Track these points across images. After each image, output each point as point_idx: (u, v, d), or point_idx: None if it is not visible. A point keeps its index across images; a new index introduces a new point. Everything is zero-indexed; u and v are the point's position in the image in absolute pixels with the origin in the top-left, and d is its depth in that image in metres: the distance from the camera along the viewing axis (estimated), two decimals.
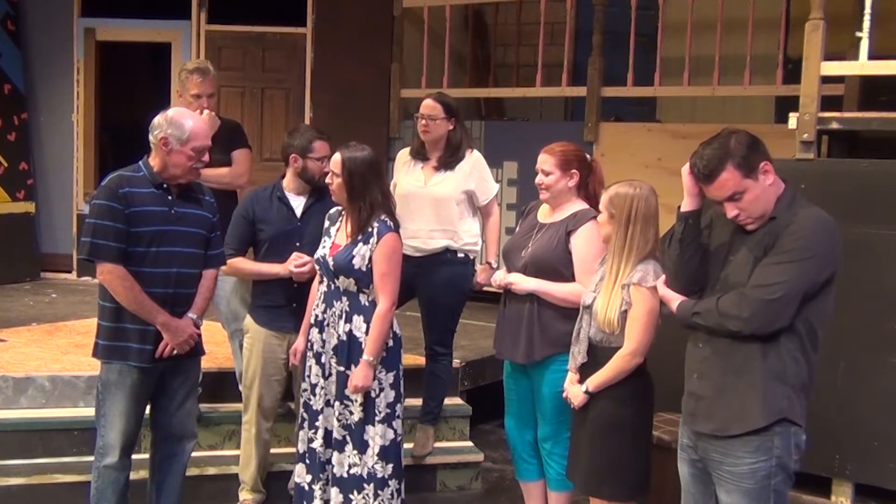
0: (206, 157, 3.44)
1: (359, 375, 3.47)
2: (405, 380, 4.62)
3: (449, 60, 7.13)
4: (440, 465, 4.63)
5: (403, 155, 4.41)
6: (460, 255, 4.28)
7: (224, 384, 4.38)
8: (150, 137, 3.36)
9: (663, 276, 2.92)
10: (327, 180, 3.60)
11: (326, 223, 3.68)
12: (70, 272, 7.64)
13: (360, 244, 3.49)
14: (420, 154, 4.31)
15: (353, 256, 3.48)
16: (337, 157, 3.53)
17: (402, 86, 7.30)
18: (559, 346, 3.43)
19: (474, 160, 4.28)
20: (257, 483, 4.09)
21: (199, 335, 3.50)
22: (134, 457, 3.51)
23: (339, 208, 3.63)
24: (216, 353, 4.85)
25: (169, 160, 3.34)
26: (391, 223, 3.53)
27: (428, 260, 4.26)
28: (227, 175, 4.35)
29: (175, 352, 3.38)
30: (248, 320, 4.01)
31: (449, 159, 4.22)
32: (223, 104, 6.80)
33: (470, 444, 4.81)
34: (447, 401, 4.68)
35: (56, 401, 4.48)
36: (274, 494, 4.15)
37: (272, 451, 4.20)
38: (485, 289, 4.42)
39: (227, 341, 4.46)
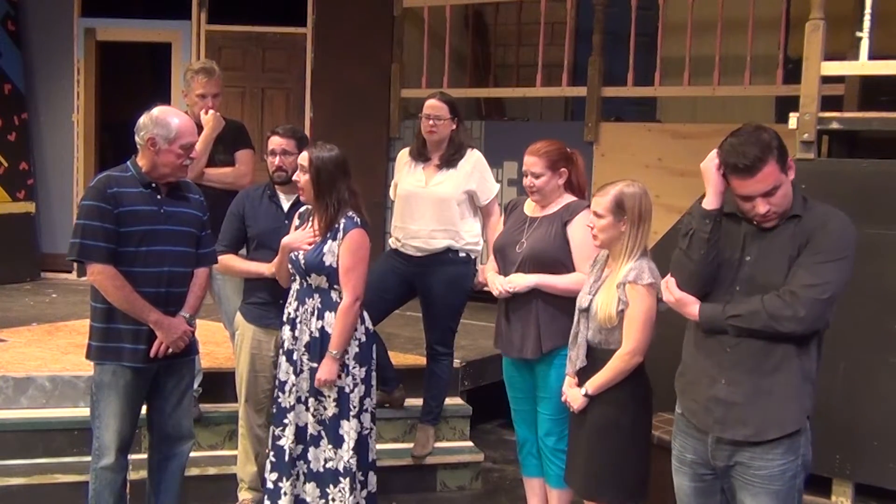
0: (195, 154, 3.44)
1: (324, 370, 3.52)
2: (406, 379, 4.67)
3: (449, 60, 7.13)
4: (440, 465, 4.63)
5: (404, 155, 4.41)
6: (462, 254, 4.28)
7: (224, 384, 4.38)
8: (137, 138, 3.35)
9: (672, 279, 2.82)
10: (294, 178, 3.63)
11: (297, 222, 3.71)
12: (70, 272, 7.63)
13: (330, 241, 3.53)
14: (421, 155, 4.31)
15: (324, 254, 3.53)
16: (304, 154, 3.57)
17: (402, 86, 7.30)
18: (564, 339, 3.42)
19: (475, 160, 4.28)
20: (256, 481, 4.08)
21: (193, 333, 3.49)
22: (134, 457, 3.51)
23: (310, 207, 3.67)
24: (216, 353, 4.86)
25: (158, 160, 3.33)
26: (358, 220, 3.57)
27: (429, 260, 4.26)
28: (230, 175, 4.38)
29: (170, 351, 3.37)
30: (238, 317, 4.03)
31: (451, 157, 4.23)
32: (224, 104, 6.79)
33: (470, 444, 4.81)
34: (447, 401, 4.68)
35: (56, 401, 4.48)
36: None
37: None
38: (486, 289, 4.42)
39: (227, 341, 4.47)
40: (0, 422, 4.32)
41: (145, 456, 3.63)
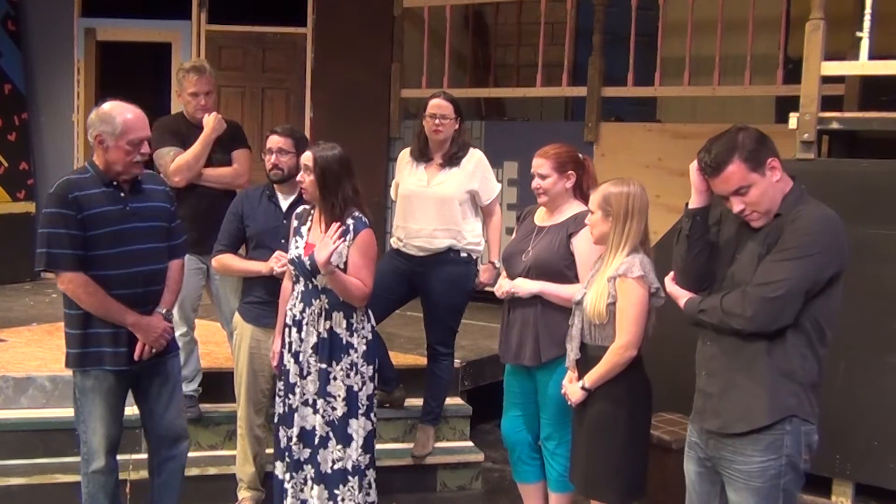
0: (146, 149, 3.31)
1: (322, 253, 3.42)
2: (406, 379, 4.67)
3: (449, 60, 7.13)
4: (440, 465, 4.63)
5: (405, 156, 4.41)
6: (463, 254, 4.28)
7: (224, 384, 4.38)
8: (88, 136, 3.28)
9: (671, 274, 2.90)
10: (298, 178, 3.63)
11: (295, 223, 3.70)
12: None
13: (339, 241, 3.50)
14: (423, 154, 4.30)
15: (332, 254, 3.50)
16: (308, 154, 3.57)
17: (402, 86, 7.31)
18: (564, 348, 3.42)
19: (477, 160, 4.29)
20: (255, 481, 4.09)
21: (173, 330, 3.44)
22: (134, 457, 3.50)
23: (307, 207, 3.67)
24: (216, 353, 4.86)
25: (108, 157, 3.24)
26: (366, 220, 3.58)
27: (431, 259, 4.26)
28: (227, 175, 4.41)
29: (153, 351, 3.33)
30: (236, 317, 4.03)
31: (454, 157, 4.23)
32: (223, 104, 6.80)
33: (470, 444, 4.81)
34: (447, 401, 4.68)
35: (56, 401, 4.48)
36: (272, 493, 4.14)
37: (270, 451, 4.20)
38: (487, 289, 4.42)
39: (227, 341, 4.46)
40: (0, 422, 4.32)
41: (145, 456, 3.62)
